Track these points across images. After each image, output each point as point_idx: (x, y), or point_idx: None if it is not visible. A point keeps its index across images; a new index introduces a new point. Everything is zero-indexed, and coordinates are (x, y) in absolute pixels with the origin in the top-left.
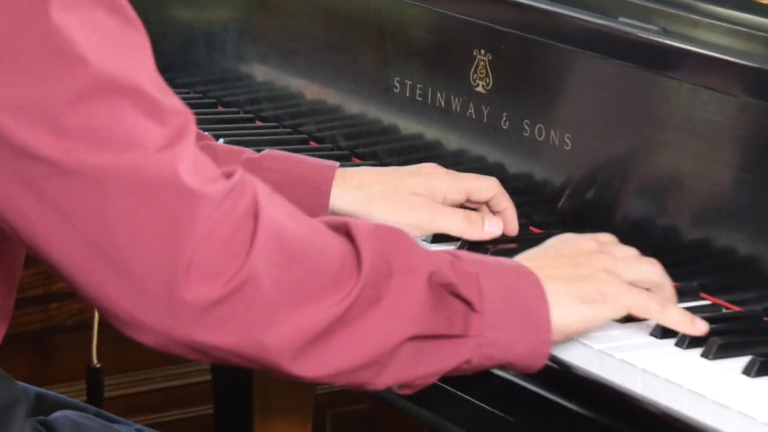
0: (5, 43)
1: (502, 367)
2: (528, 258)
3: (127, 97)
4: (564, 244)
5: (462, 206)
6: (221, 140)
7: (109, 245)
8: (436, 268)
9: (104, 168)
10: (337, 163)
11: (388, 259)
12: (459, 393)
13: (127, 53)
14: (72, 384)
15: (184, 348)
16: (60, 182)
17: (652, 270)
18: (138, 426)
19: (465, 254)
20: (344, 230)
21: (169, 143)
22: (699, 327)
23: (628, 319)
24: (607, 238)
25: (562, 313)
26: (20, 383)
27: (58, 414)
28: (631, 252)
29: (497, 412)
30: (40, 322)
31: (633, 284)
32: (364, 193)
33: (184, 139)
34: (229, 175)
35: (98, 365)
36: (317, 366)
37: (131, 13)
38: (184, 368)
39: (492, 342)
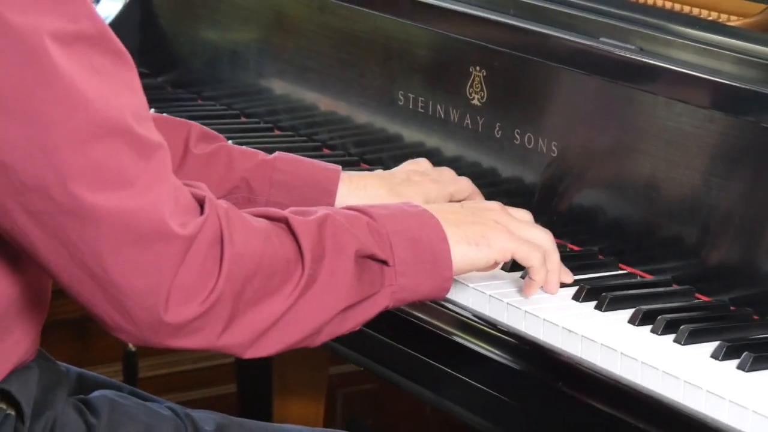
0: (9, 87)
1: (413, 302)
2: (432, 206)
3: (119, 137)
4: (470, 201)
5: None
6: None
7: (100, 273)
8: (360, 244)
9: (99, 208)
10: (340, 167)
11: (322, 244)
12: (456, 374)
13: (119, 91)
14: (110, 366)
15: (158, 347)
16: (61, 219)
17: (542, 235)
18: (169, 403)
19: (376, 211)
20: (284, 223)
21: (154, 180)
22: (555, 290)
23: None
24: (510, 208)
25: (452, 252)
26: (62, 365)
27: (96, 393)
28: (528, 217)
29: (489, 390)
30: (81, 311)
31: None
32: (369, 194)
33: (165, 172)
34: (199, 199)
35: (133, 349)
36: (267, 348)
37: (120, 46)
38: (209, 352)
39: (403, 287)
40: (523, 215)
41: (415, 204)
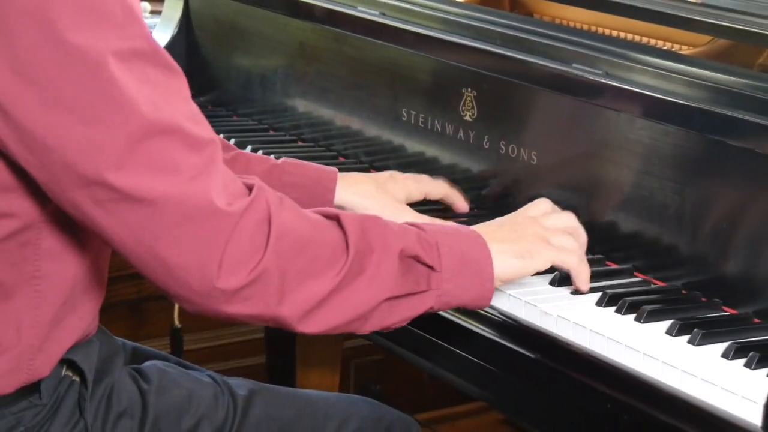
0: (75, 95)
1: (457, 308)
2: (478, 226)
3: (170, 135)
4: (506, 218)
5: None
6: (272, 155)
7: (159, 250)
8: (405, 244)
9: (155, 194)
10: (336, 169)
11: (369, 241)
12: (450, 347)
13: (170, 98)
14: (159, 340)
15: (217, 316)
16: (123, 205)
17: (569, 219)
18: (209, 372)
19: (428, 226)
20: (336, 219)
21: (203, 169)
22: (586, 287)
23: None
24: (542, 207)
25: (501, 266)
26: (119, 339)
27: (148, 363)
28: (558, 222)
29: (478, 361)
30: (136, 294)
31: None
32: (360, 190)
33: (215, 163)
34: (249, 186)
35: (179, 326)
36: (317, 324)
37: (171, 62)
38: (243, 328)
39: (448, 292)
40: (558, 221)
41: (466, 227)
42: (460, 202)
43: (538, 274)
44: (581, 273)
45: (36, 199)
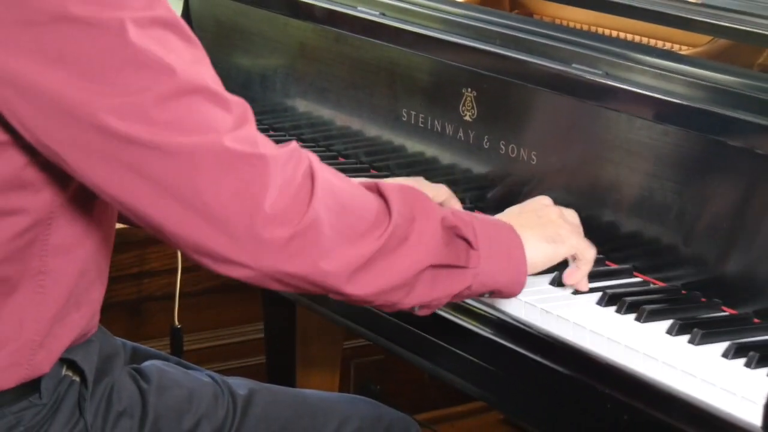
0: (102, 65)
1: (491, 293)
2: (501, 215)
3: (201, 94)
4: (522, 206)
5: None
6: None
7: (202, 205)
8: (444, 214)
9: (191, 147)
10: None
11: (411, 208)
12: (449, 347)
13: (194, 63)
14: (159, 340)
15: (265, 277)
16: (158, 162)
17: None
18: (208, 372)
19: (459, 210)
20: (376, 189)
21: (235, 125)
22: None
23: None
24: (547, 198)
25: (533, 250)
26: (119, 339)
27: (147, 363)
28: (573, 217)
29: (478, 361)
30: (136, 294)
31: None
32: None
33: (247, 122)
34: (284, 146)
35: (179, 326)
36: (364, 286)
37: (191, 33)
38: (243, 328)
39: (485, 272)
40: (572, 216)
41: (491, 216)
42: (457, 206)
43: (538, 273)
44: (585, 268)
45: (47, 195)
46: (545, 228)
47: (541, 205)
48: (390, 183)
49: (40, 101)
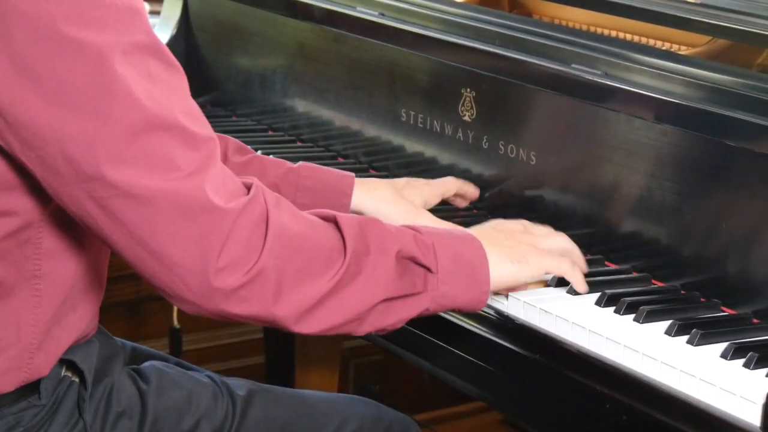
0: (73, 89)
1: (452, 310)
2: (472, 229)
3: (169, 131)
4: (498, 224)
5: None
6: (271, 155)
7: (156, 247)
8: (401, 246)
9: (152, 190)
10: (353, 174)
11: (366, 242)
12: (448, 347)
13: (170, 94)
14: (158, 341)
15: (214, 315)
16: (119, 201)
17: (561, 241)
18: (208, 372)
19: (425, 229)
20: (333, 221)
21: (201, 166)
22: (584, 288)
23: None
24: (527, 223)
25: (496, 270)
26: (118, 339)
27: (147, 363)
28: (546, 230)
29: (477, 361)
30: (135, 294)
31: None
32: (378, 195)
33: (212, 161)
34: (247, 186)
35: (178, 326)
36: (314, 325)
37: (172, 58)
38: (242, 328)
39: (444, 294)
40: (544, 230)
41: (461, 229)
42: (471, 190)
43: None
44: (575, 276)
45: (37, 197)
46: (512, 249)
47: (516, 224)
48: (348, 216)
49: (11, 116)
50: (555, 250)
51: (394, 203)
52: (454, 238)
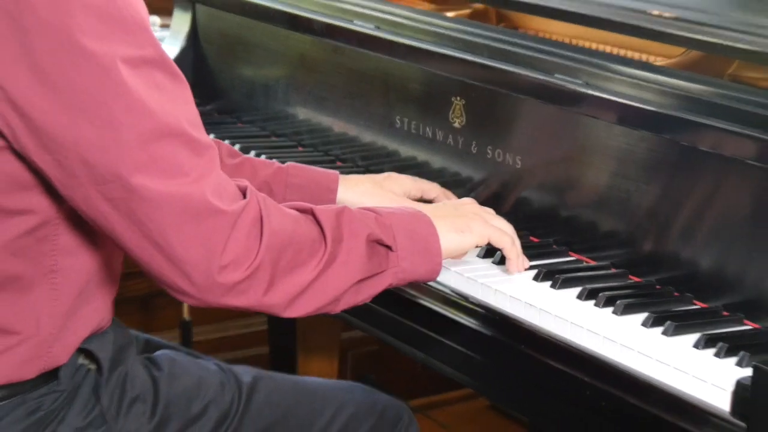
0: (89, 97)
1: (412, 282)
2: (422, 205)
3: (176, 138)
4: (449, 201)
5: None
6: (274, 159)
7: (165, 246)
8: (370, 230)
9: (163, 194)
10: (338, 172)
11: (341, 231)
12: (439, 338)
13: (176, 103)
14: (169, 332)
15: (212, 306)
16: (132, 203)
17: (507, 225)
18: (215, 360)
19: (382, 209)
20: (311, 213)
21: (204, 171)
22: (524, 265)
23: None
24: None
25: (444, 240)
26: (132, 331)
27: (159, 352)
28: (493, 212)
29: (465, 351)
30: (147, 289)
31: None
32: (360, 190)
33: (214, 166)
34: (242, 188)
35: (189, 319)
36: (299, 309)
37: (177, 70)
38: (247, 320)
39: (403, 269)
40: (490, 211)
41: (412, 207)
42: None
43: (528, 269)
44: (513, 253)
45: (53, 197)
46: (456, 220)
47: (461, 202)
48: (323, 208)
49: (29, 120)
50: (500, 227)
51: (374, 195)
52: (408, 215)
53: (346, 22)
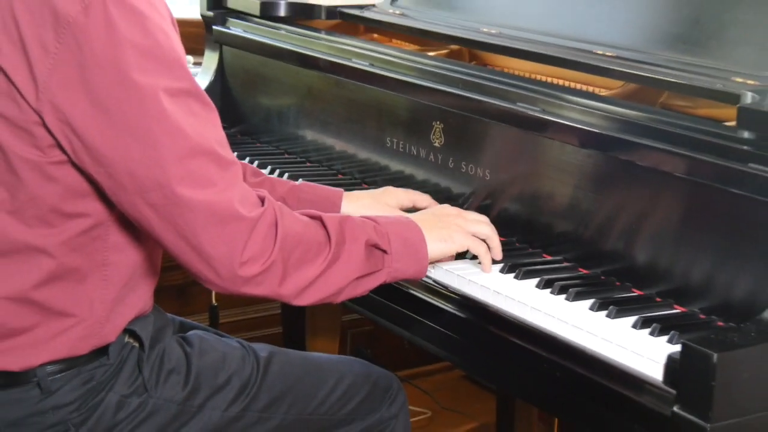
0: (136, 122)
1: (402, 280)
2: (414, 215)
3: (207, 155)
4: (439, 209)
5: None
6: (286, 174)
7: (196, 244)
8: (368, 236)
9: (196, 202)
10: (342, 189)
11: (344, 235)
12: (422, 320)
13: (207, 127)
14: (200, 315)
15: (234, 294)
16: (171, 208)
17: (486, 228)
18: (238, 339)
19: (381, 219)
20: (319, 219)
21: (230, 184)
22: (488, 270)
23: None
24: (462, 210)
25: (431, 248)
26: (169, 315)
27: (191, 332)
28: (476, 216)
29: (444, 330)
30: (183, 279)
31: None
32: (360, 204)
33: (238, 179)
34: (261, 197)
35: (216, 304)
36: (307, 299)
37: (208, 99)
38: (265, 306)
39: (396, 269)
40: (476, 216)
41: (405, 216)
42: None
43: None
44: (486, 259)
45: (105, 202)
46: (442, 231)
47: (445, 212)
48: (330, 215)
49: (84, 139)
50: (479, 233)
51: (372, 208)
52: (402, 225)
53: (345, 60)
